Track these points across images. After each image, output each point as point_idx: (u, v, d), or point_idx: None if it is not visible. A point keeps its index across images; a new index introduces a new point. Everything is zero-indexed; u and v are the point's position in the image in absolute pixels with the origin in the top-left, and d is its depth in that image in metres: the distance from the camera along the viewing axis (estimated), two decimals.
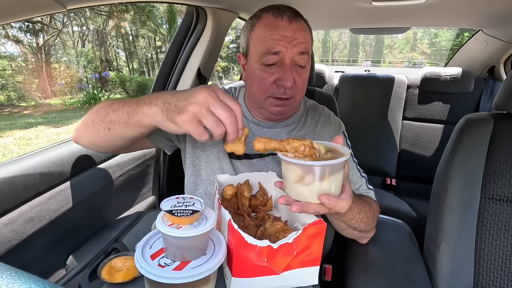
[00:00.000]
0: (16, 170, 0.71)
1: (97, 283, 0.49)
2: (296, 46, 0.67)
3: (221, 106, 0.47)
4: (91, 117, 0.62)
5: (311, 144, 0.47)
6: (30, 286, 0.18)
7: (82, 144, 0.68)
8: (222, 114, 0.47)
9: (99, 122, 0.59)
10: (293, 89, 0.70)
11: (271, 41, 0.67)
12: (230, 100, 0.49)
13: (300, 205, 0.47)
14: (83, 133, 0.65)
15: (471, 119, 0.82)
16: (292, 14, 0.69)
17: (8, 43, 8.34)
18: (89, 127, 0.62)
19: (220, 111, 0.47)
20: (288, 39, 0.67)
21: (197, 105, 0.47)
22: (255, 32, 0.71)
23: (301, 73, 0.71)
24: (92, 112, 0.62)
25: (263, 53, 0.68)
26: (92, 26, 9.81)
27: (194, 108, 0.47)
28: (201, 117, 0.47)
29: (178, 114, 0.48)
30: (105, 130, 0.59)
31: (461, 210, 0.78)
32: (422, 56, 17.39)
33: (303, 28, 0.70)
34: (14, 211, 0.70)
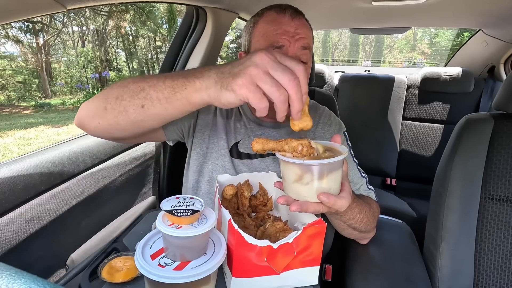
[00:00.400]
0: (16, 170, 0.71)
1: (97, 283, 0.49)
2: (298, 41, 0.68)
3: (281, 68, 0.41)
4: (113, 93, 0.52)
5: (309, 144, 0.47)
6: (30, 286, 0.18)
7: (90, 128, 0.58)
8: (283, 76, 0.41)
9: (129, 98, 0.50)
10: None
11: (274, 35, 0.68)
12: (290, 60, 0.43)
13: (299, 205, 0.47)
14: (98, 113, 0.54)
15: (471, 119, 0.82)
16: (294, 11, 0.71)
17: (8, 43, 8.34)
18: (111, 105, 0.52)
19: (280, 73, 0.41)
20: (291, 34, 0.68)
21: (254, 67, 0.41)
22: (257, 29, 0.72)
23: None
24: (115, 87, 0.53)
25: (266, 47, 0.69)
26: (92, 26, 9.81)
27: (251, 70, 0.41)
28: (258, 80, 0.41)
29: (234, 78, 0.42)
30: (137, 107, 0.50)
31: (461, 210, 0.78)
32: (422, 56, 17.39)
33: (305, 24, 0.71)
34: (14, 211, 0.70)
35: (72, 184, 0.83)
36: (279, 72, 0.41)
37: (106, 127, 0.55)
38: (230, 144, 0.77)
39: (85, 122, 0.58)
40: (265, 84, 0.41)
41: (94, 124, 0.56)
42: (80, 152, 0.86)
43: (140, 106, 0.50)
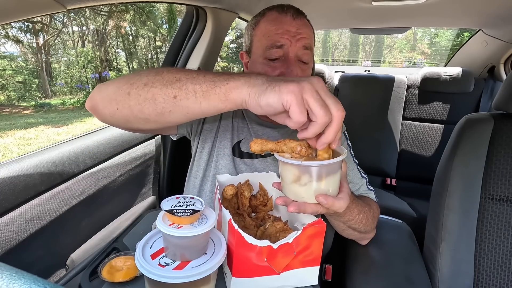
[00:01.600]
0: (16, 170, 0.71)
1: (97, 283, 0.49)
2: (300, 41, 0.68)
3: (333, 97, 0.41)
4: (142, 79, 0.49)
5: (308, 145, 0.47)
6: (30, 286, 0.18)
7: (105, 114, 0.53)
8: (332, 103, 0.41)
9: (161, 86, 0.47)
10: None
11: (276, 35, 0.68)
12: (334, 100, 0.41)
13: (297, 206, 0.47)
14: (119, 98, 0.50)
15: (471, 119, 0.82)
16: (295, 11, 0.71)
17: (8, 43, 8.34)
18: (136, 91, 0.48)
19: (330, 101, 0.41)
20: (292, 34, 0.68)
21: (309, 83, 0.40)
22: (259, 28, 0.72)
23: (305, 69, 0.71)
24: (144, 74, 0.50)
25: (267, 47, 0.69)
26: (92, 26, 9.81)
27: (306, 84, 0.40)
28: (310, 95, 0.39)
29: (286, 83, 0.40)
30: (168, 97, 0.47)
31: (461, 210, 0.78)
32: (422, 56, 17.38)
33: (306, 25, 0.72)
34: (14, 211, 0.70)
35: (72, 184, 0.83)
36: (331, 100, 0.40)
37: (126, 114, 0.51)
38: (233, 143, 0.77)
39: (100, 106, 0.53)
40: (315, 102, 0.39)
41: (111, 109, 0.51)
42: (80, 152, 0.86)
43: (172, 96, 0.46)
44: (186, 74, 0.47)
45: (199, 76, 0.46)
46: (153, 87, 0.48)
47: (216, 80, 0.45)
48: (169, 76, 0.48)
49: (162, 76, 0.48)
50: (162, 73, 0.48)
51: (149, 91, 0.48)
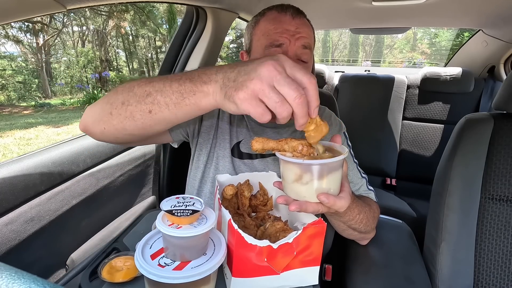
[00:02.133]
0: (16, 170, 0.71)
1: (97, 283, 0.49)
2: (299, 40, 0.68)
3: (288, 82, 0.39)
4: (119, 98, 0.50)
5: (309, 144, 0.47)
6: (30, 286, 0.18)
7: (96, 133, 0.56)
8: (288, 92, 0.38)
9: (135, 103, 0.49)
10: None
11: (275, 34, 0.68)
12: (302, 73, 0.40)
13: (298, 204, 0.47)
14: (104, 119, 0.53)
15: (471, 119, 0.82)
16: (295, 10, 0.71)
17: (8, 43, 8.34)
18: (116, 110, 0.50)
19: (286, 88, 0.38)
20: (291, 33, 0.68)
21: (259, 81, 0.39)
22: (259, 27, 0.73)
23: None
24: (120, 91, 0.51)
25: (266, 45, 0.69)
26: (92, 26, 9.81)
27: (255, 84, 0.39)
28: (262, 96, 0.39)
29: (236, 91, 0.40)
30: (144, 113, 0.48)
31: (461, 210, 0.78)
32: (422, 56, 17.38)
33: (306, 24, 0.72)
34: (14, 211, 0.70)
35: (72, 184, 0.83)
36: (286, 88, 0.39)
37: (113, 132, 0.54)
38: (232, 144, 0.77)
39: (90, 127, 0.56)
40: (268, 100, 0.39)
41: (99, 129, 0.55)
42: (80, 152, 0.86)
43: (147, 111, 0.48)
44: (154, 86, 0.48)
45: (165, 87, 0.46)
46: (129, 105, 0.49)
47: (183, 90, 0.45)
48: (140, 91, 0.49)
49: (134, 92, 0.49)
50: (134, 88, 0.50)
51: (126, 109, 0.50)
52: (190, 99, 0.45)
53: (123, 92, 0.51)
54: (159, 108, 0.47)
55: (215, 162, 0.76)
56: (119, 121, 0.51)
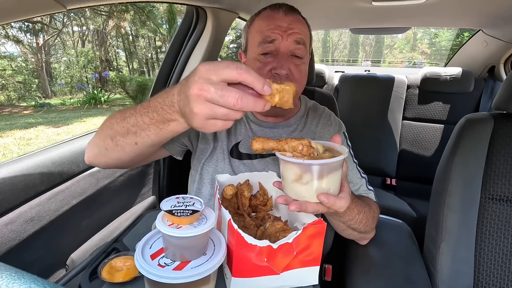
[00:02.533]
0: (16, 170, 0.71)
1: (97, 283, 0.49)
2: (291, 35, 0.69)
3: (219, 95, 0.38)
4: (108, 133, 0.56)
5: (309, 144, 0.47)
6: (30, 286, 0.18)
7: (101, 165, 0.63)
8: (226, 103, 0.39)
9: (121, 138, 0.54)
10: (290, 79, 0.70)
11: (267, 30, 0.70)
12: (227, 71, 0.39)
13: (298, 204, 0.47)
14: (102, 154, 0.59)
15: (471, 119, 0.82)
16: (288, 7, 0.72)
17: (8, 43, 8.34)
18: (109, 146, 0.56)
19: (222, 101, 0.39)
20: (284, 29, 0.69)
21: (199, 107, 0.40)
22: (253, 26, 0.74)
23: (298, 64, 0.71)
24: (106, 127, 0.57)
25: (259, 42, 0.71)
26: (92, 26, 9.81)
27: (199, 109, 0.40)
28: (211, 116, 0.40)
29: (191, 120, 0.42)
30: (131, 145, 0.53)
31: (461, 210, 0.78)
32: (422, 56, 17.37)
33: (299, 20, 0.72)
34: (14, 211, 0.70)
35: (72, 184, 0.83)
36: (221, 101, 0.39)
37: (114, 162, 0.60)
38: (231, 145, 0.77)
39: (94, 161, 0.63)
40: (219, 116, 0.40)
41: (102, 162, 0.61)
42: (80, 152, 0.86)
43: (133, 143, 0.53)
44: (129, 122, 0.51)
45: (139, 123, 0.49)
46: (117, 140, 0.54)
47: (157, 123, 0.48)
48: (120, 128, 0.53)
49: (116, 130, 0.54)
50: (113, 125, 0.55)
51: (116, 144, 0.55)
52: (167, 128, 0.48)
53: (108, 129, 0.56)
54: (142, 139, 0.51)
55: (214, 165, 0.76)
56: (115, 154, 0.57)
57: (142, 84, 8.42)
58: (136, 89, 8.41)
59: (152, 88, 1.28)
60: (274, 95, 0.41)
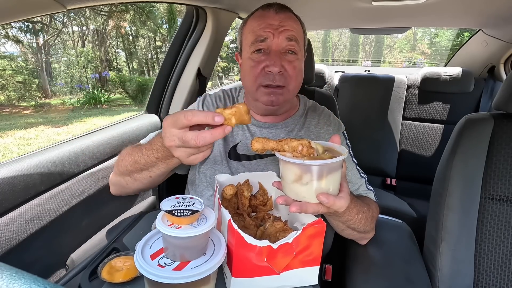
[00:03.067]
0: (16, 170, 0.71)
1: (97, 283, 0.49)
2: (283, 33, 0.69)
3: (182, 142, 0.46)
4: (124, 171, 0.65)
5: (309, 144, 0.47)
6: (31, 286, 0.18)
7: (127, 193, 0.73)
8: (190, 145, 0.45)
9: (137, 174, 0.64)
10: (284, 76, 0.70)
11: (259, 29, 0.70)
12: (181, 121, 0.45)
13: (299, 205, 0.47)
14: (123, 188, 0.70)
15: (471, 119, 0.82)
16: (279, 6, 0.73)
17: (8, 43, 8.34)
18: (127, 183, 0.67)
19: (188, 143, 0.46)
20: (275, 27, 0.70)
21: (177, 153, 0.49)
22: (246, 27, 0.74)
23: (292, 60, 0.71)
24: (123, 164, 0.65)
25: (252, 42, 0.71)
26: (92, 26, 9.81)
27: (178, 154, 0.49)
28: (189, 154, 0.49)
29: (180, 160, 0.51)
30: (147, 178, 0.64)
31: (461, 210, 0.78)
32: (422, 56, 17.37)
33: (291, 18, 0.72)
34: (14, 211, 0.70)
35: (72, 184, 0.83)
36: (186, 144, 0.46)
37: (136, 191, 0.71)
38: (228, 148, 0.77)
39: (121, 194, 0.73)
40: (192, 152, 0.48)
41: (127, 193, 0.72)
42: (80, 152, 0.86)
43: (148, 176, 0.63)
44: (140, 162, 0.60)
45: (151, 159, 0.58)
46: (134, 176, 0.65)
47: (164, 159, 0.57)
48: (134, 168, 0.62)
49: (131, 170, 0.63)
50: (127, 166, 0.64)
51: (135, 179, 0.65)
52: (172, 161, 0.58)
53: (125, 169, 0.65)
54: (154, 173, 0.62)
55: (212, 167, 0.76)
56: (135, 186, 0.68)
57: (142, 84, 8.43)
58: (136, 89, 8.41)
59: (152, 88, 1.28)
60: (230, 119, 0.46)
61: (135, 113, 1.27)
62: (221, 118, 0.45)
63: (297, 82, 0.74)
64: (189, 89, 1.27)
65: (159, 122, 1.24)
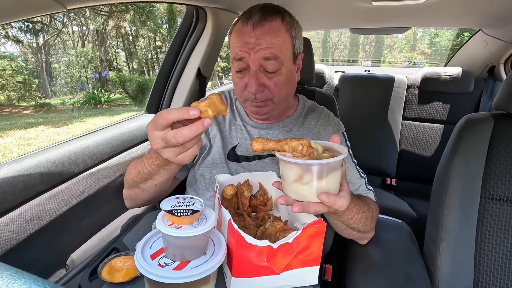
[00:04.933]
0: (16, 170, 0.71)
1: (97, 283, 0.49)
2: (258, 52, 0.66)
3: (166, 143, 0.48)
4: (132, 184, 0.69)
5: (309, 144, 0.47)
6: (30, 286, 0.18)
7: (137, 205, 0.77)
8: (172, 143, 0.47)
9: (143, 185, 0.67)
10: (265, 93, 0.70)
11: (236, 47, 0.69)
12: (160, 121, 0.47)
13: (301, 205, 0.47)
14: (134, 200, 0.74)
15: (471, 119, 0.82)
16: (258, 18, 0.67)
17: (8, 43, 8.34)
18: (138, 192, 0.70)
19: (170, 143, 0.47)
20: (251, 45, 0.66)
21: (164, 154, 0.50)
22: (231, 39, 0.73)
23: (272, 77, 0.69)
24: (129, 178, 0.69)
25: (232, 59, 0.71)
26: (92, 26, 9.81)
27: (167, 155, 0.50)
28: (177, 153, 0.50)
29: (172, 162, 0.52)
30: (153, 187, 0.67)
31: (461, 210, 0.78)
32: (422, 56, 17.37)
33: (270, 31, 0.66)
34: (14, 211, 0.70)
35: (72, 184, 0.83)
36: (169, 144, 0.48)
37: (147, 201, 0.74)
38: (227, 150, 0.77)
39: (135, 206, 0.78)
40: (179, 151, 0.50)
41: (139, 204, 0.76)
42: (80, 152, 0.86)
43: (153, 185, 0.66)
44: (144, 173, 0.63)
45: (152, 167, 0.61)
46: (140, 187, 0.67)
47: (164, 165, 0.59)
48: (139, 179, 0.65)
49: (136, 181, 0.66)
50: (134, 179, 0.67)
51: (142, 189, 0.68)
52: (171, 167, 0.60)
53: (132, 182, 0.68)
54: (158, 180, 0.64)
55: (210, 169, 0.76)
56: (144, 196, 0.71)
57: (142, 84, 8.43)
58: (136, 89, 8.41)
59: (152, 88, 1.28)
60: (207, 111, 0.48)
61: (135, 113, 1.27)
62: (196, 111, 0.46)
63: (283, 93, 0.72)
64: (189, 89, 1.28)
65: None
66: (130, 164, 0.72)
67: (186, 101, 1.28)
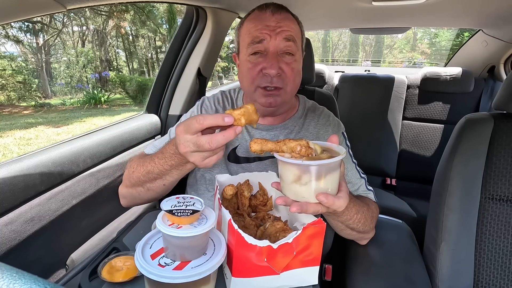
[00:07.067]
0: (16, 170, 0.71)
1: (97, 283, 0.49)
2: (280, 34, 0.69)
3: (197, 147, 0.49)
4: (136, 180, 0.67)
5: (307, 144, 0.48)
6: (31, 286, 0.18)
7: (138, 204, 0.75)
8: (204, 148, 0.48)
9: (150, 184, 0.66)
10: (282, 78, 0.70)
11: (256, 31, 0.70)
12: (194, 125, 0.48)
13: (299, 206, 0.47)
14: (135, 199, 0.72)
15: (471, 119, 0.82)
16: (275, 7, 0.72)
17: (8, 43, 8.34)
18: (142, 192, 0.69)
19: (202, 148, 0.48)
20: (272, 28, 0.69)
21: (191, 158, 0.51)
22: (243, 28, 0.74)
23: (290, 62, 0.70)
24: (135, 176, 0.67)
25: (249, 43, 0.71)
26: (92, 26, 9.81)
27: (193, 159, 0.51)
28: (204, 158, 0.51)
29: (196, 165, 0.53)
30: (160, 186, 0.66)
31: (461, 210, 0.78)
32: (422, 56, 17.37)
33: (288, 18, 0.72)
34: (14, 211, 0.70)
35: (72, 184, 0.83)
36: (202, 147, 0.48)
37: (148, 200, 0.72)
38: (228, 151, 0.77)
39: (132, 205, 0.75)
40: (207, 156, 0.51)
41: (138, 203, 0.74)
42: (80, 152, 0.86)
43: (162, 185, 0.65)
44: (155, 172, 0.62)
45: (164, 167, 0.60)
46: (147, 186, 0.66)
47: (178, 166, 0.59)
48: (147, 178, 0.64)
49: (143, 180, 0.65)
50: (139, 178, 0.66)
51: (148, 189, 0.67)
52: (186, 167, 0.60)
53: (136, 180, 0.67)
54: (168, 180, 0.64)
55: (210, 170, 0.76)
56: (148, 196, 0.70)
57: (142, 84, 8.43)
58: (136, 89, 8.41)
59: (152, 88, 1.28)
60: (240, 119, 0.48)
61: (135, 113, 1.27)
62: (231, 118, 0.47)
63: (295, 84, 0.73)
64: (189, 89, 1.28)
65: (159, 122, 1.24)
66: (131, 162, 0.71)
67: (186, 101, 1.29)
